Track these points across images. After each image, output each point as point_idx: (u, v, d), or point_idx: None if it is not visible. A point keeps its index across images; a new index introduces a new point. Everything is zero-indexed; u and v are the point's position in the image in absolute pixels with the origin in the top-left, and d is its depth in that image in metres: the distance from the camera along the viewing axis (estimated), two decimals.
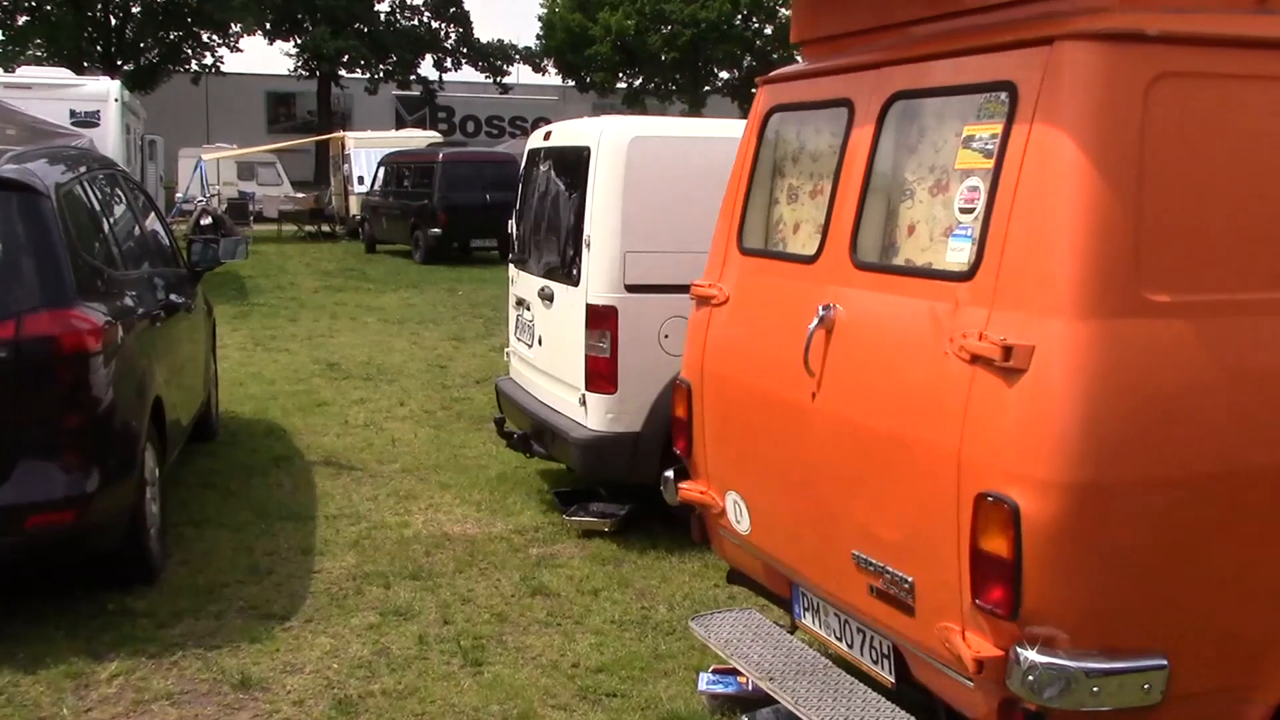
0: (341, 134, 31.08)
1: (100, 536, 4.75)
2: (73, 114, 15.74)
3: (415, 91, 50.58)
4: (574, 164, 6.05)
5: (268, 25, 45.95)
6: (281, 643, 4.66)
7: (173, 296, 6.46)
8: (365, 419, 8.67)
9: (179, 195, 29.05)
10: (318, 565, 5.54)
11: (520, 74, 52.96)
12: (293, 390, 9.71)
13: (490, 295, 17.07)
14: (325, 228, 29.21)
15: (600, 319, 5.74)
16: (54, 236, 4.66)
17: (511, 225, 7.26)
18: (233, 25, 42.78)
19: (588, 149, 5.90)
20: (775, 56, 48.89)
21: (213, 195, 27.95)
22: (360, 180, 27.33)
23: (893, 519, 3.11)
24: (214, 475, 7.04)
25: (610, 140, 5.79)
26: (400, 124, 46.77)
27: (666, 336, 5.73)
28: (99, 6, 40.29)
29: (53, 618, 4.80)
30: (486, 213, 22.34)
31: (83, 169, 5.71)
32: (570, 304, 5.98)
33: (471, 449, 7.82)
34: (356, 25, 46.26)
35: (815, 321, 3.38)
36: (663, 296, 5.74)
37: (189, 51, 43.36)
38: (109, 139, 15.78)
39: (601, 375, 5.76)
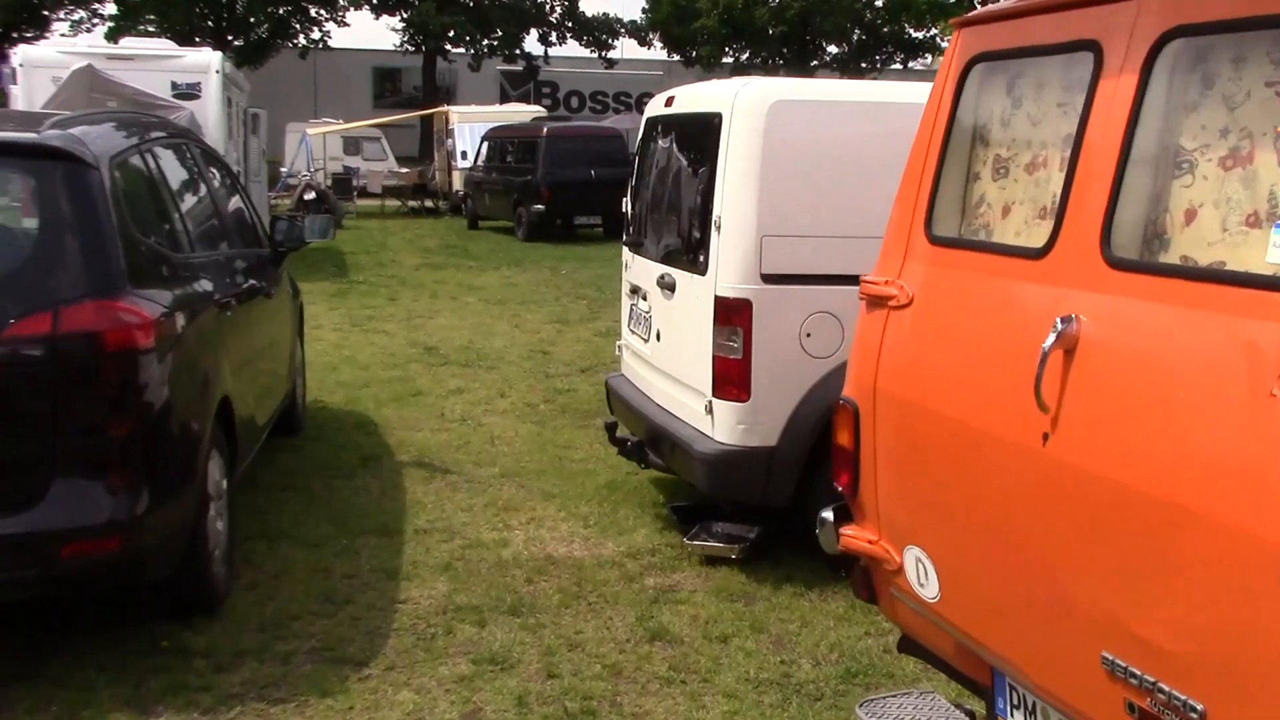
0: (445, 108, 30.62)
1: (152, 565, 4.09)
2: (174, 86, 15.38)
3: (519, 66, 50.06)
4: (702, 133, 5.22)
5: (374, 0, 45.86)
6: (356, 698, 3.94)
7: (251, 280, 5.80)
8: (463, 412, 7.98)
9: (283, 170, 28.91)
10: (403, 593, 4.83)
11: (625, 49, 52.06)
12: (387, 377, 9.07)
13: (594, 275, 16.35)
14: (428, 203, 28.84)
15: (731, 314, 4.91)
16: (102, 215, 3.99)
17: (626, 203, 6.47)
18: (340, 0, 42.75)
19: (719, 116, 5.06)
20: (886, 30, 47.38)
21: (317, 170, 27.73)
22: (464, 155, 26.80)
23: (1174, 620, 2.24)
24: (295, 476, 6.40)
25: (746, 105, 4.94)
26: (504, 99, 46.30)
27: (809, 335, 4.89)
28: None
29: (97, 655, 4.16)
30: (591, 189, 21.65)
31: (146, 137, 5.04)
32: (696, 296, 5.16)
33: (577, 450, 7.07)
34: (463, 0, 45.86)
35: (1051, 339, 2.51)
36: (806, 289, 4.90)
37: (297, 26, 43.48)
38: (210, 111, 15.39)
39: (732, 380, 4.94)
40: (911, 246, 3.21)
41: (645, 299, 5.88)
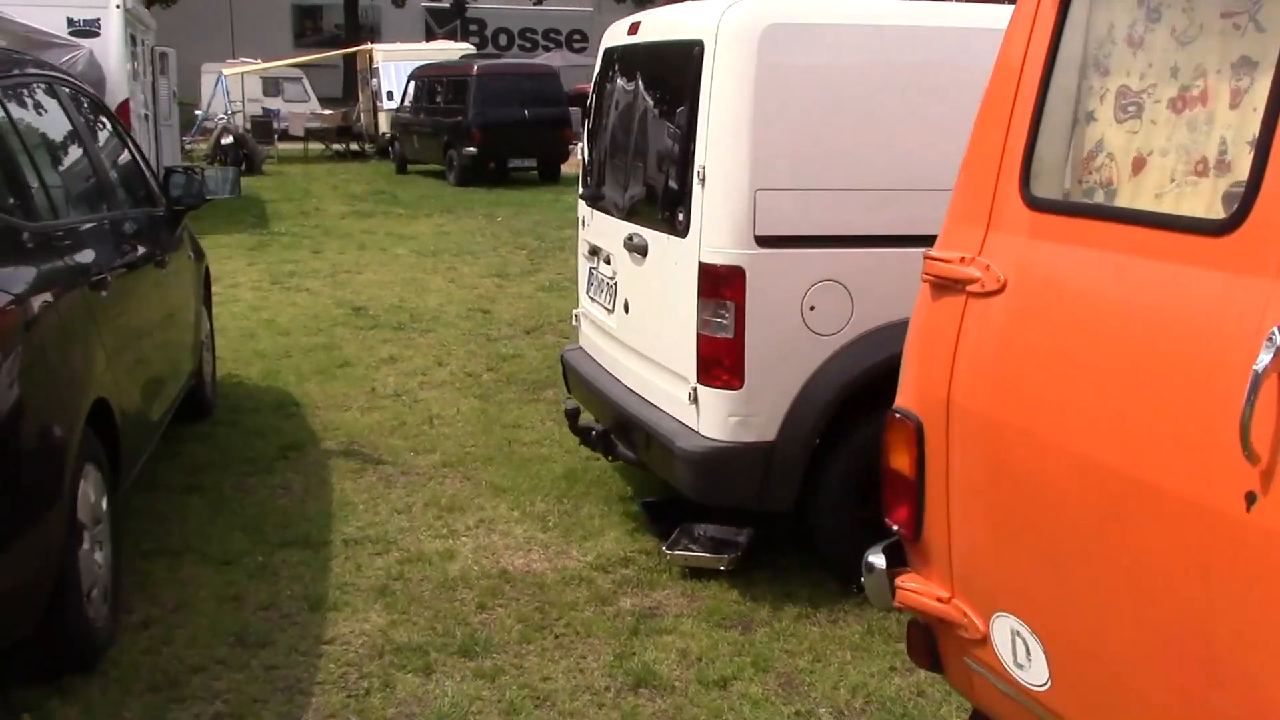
0: (369, 46, 29.19)
1: (4, 620, 3.21)
2: (70, 22, 14.10)
3: (445, 3, 48.36)
4: (678, 66, 4.34)
5: None
6: None
7: (139, 248, 4.86)
8: (396, 385, 7.08)
9: (198, 112, 27.40)
10: (330, 629, 3.98)
11: None
12: (310, 344, 8.13)
13: (532, 222, 15.43)
14: (353, 146, 27.52)
15: (719, 284, 4.08)
16: None
17: (581, 149, 5.59)
18: None
19: (699, 44, 4.19)
20: None
21: (235, 113, 26.28)
22: (389, 96, 25.53)
23: None
24: (202, 473, 5.50)
25: (734, 29, 4.07)
26: (430, 37, 44.72)
27: (813, 309, 4.08)
28: None
29: None
30: (525, 130, 20.61)
31: None
32: (674, 261, 4.33)
33: (528, 431, 6.23)
34: None
35: (1266, 358, 1.73)
36: (810, 252, 4.08)
37: None
38: (111, 50, 14.13)
39: (721, 363, 4.12)
40: (998, 211, 2.40)
41: (609, 262, 5.04)
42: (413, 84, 23.18)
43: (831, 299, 4.09)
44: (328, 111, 29.66)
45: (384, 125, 25.78)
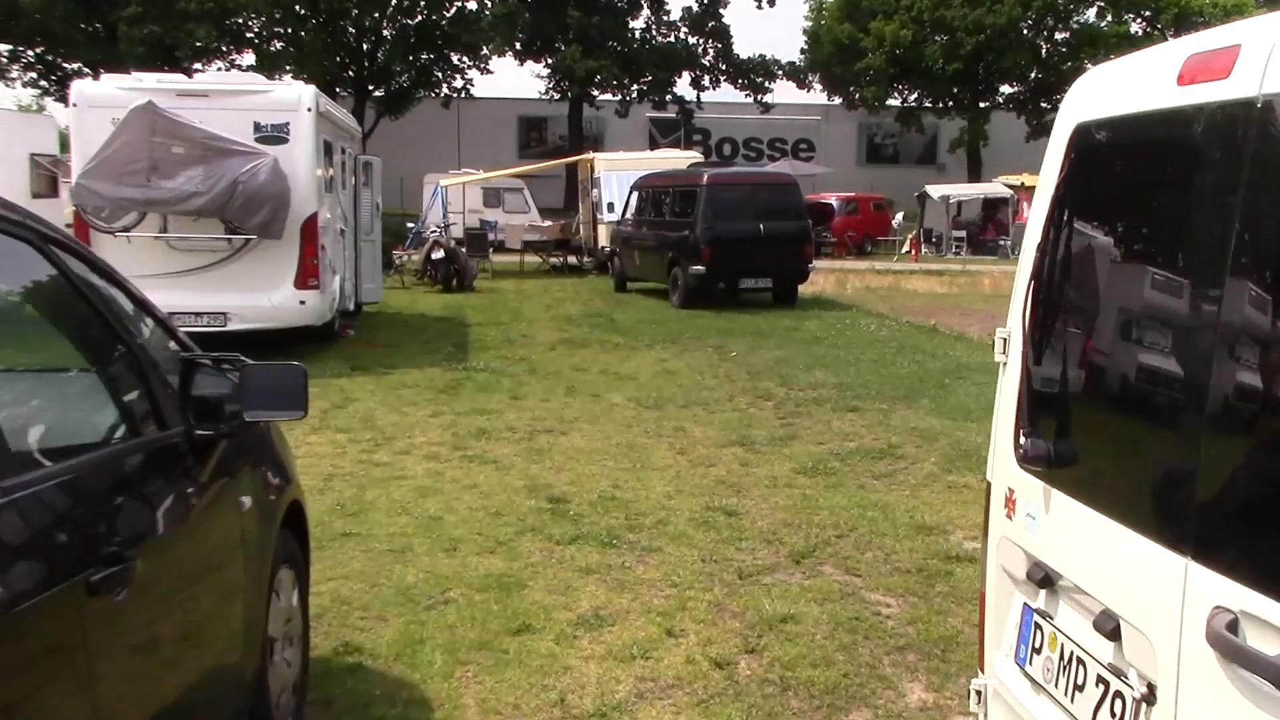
0: (590, 155, 27.51)
1: None
2: (257, 127, 12.44)
3: (670, 113, 47.12)
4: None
5: (518, 46, 43.55)
6: None
7: (129, 516, 2.38)
8: (599, 693, 4.24)
9: (410, 225, 26.16)
10: None
11: (779, 93, 48.62)
12: (482, 574, 5.51)
13: (772, 359, 12.76)
14: (571, 260, 25.70)
15: None
16: None
17: (1014, 339, 2.72)
18: (483, 47, 40.47)
19: None
20: (1066, 66, 42.74)
21: (450, 224, 24.87)
22: (610, 207, 23.59)
23: None
24: None
25: None
26: (653, 146, 43.40)
27: None
28: (352, 31, 38.72)
29: None
30: (759, 246, 18.11)
31: None
32: None
33: None
34: (610, 44, 43.13)
35: None
36: None
37: (439, 75, 41.40)
38: (299, 158, 12.42)
39: None
40: None
41: (1112, 634, 2.20)
42: (635, 194, 21.11)
43: None
44: (546, 223, 28.13)
45: (603, 239, 23.83)
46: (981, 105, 46.19)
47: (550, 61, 43.87)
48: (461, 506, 6.75)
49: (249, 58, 37.02)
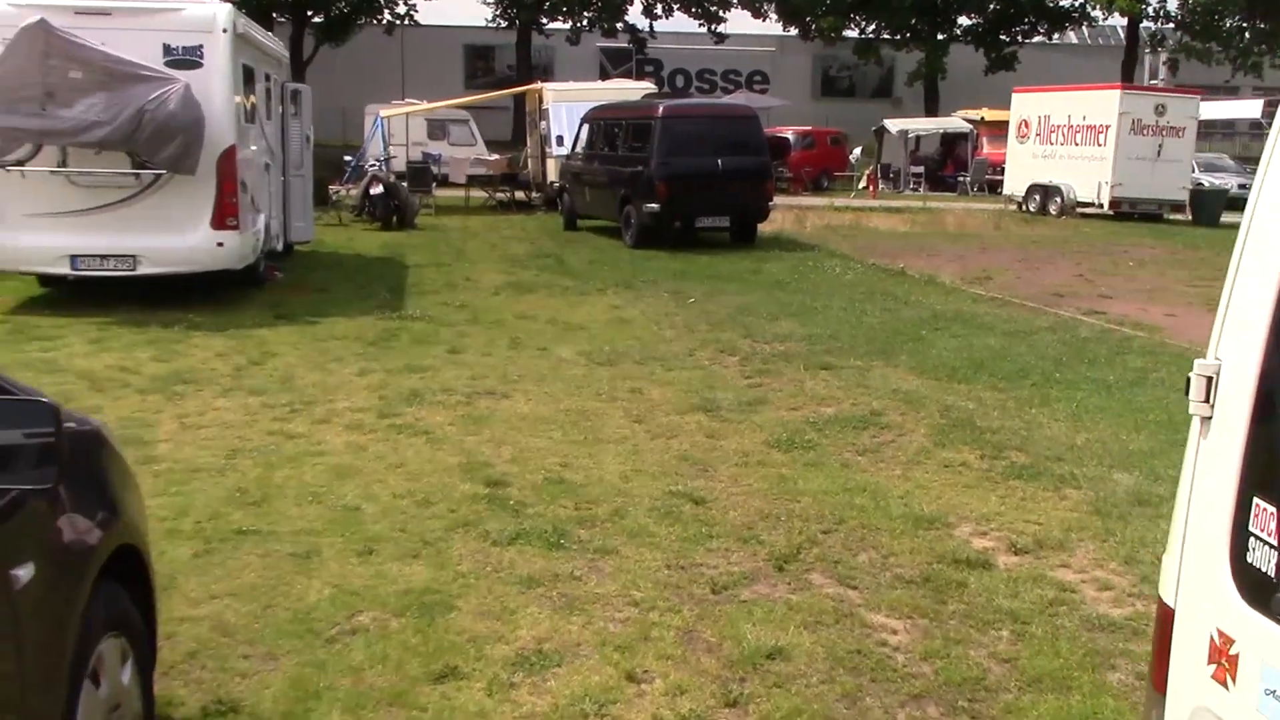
0: (539, 85, 26.17)
1: None
2: (167, 50, 11.17)
3: (621, 42, 45.65)
4: None
5: None
6: None
7: None
8: None
9: (347, 158, 24.77)
10: None
11: (734, 23, 47.18)
12: (401, 590, 4.56)
13: (734, 307, 11.82)
14: (519, 195, 24.46)
15: None
16: None
17: (1240, 384, 1.68)
18: None
19: None
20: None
21: (390, 158, 23.53)
22: (559, 140, 22.37)
23: None
24: None
25: None
26: (605, 77, 41.95)
27: None
28: None
29: None
30: (717, 183, 17.08)
31: None
32: None
33: None
34: None
35: None
36: None
37: (382, 0, 39.62)
38: (215, 85, 11.16)
39: None
40: None
41: None
42: (586, 127, 19.93)
43: None
44: (493, 157, 26.80)
45: (552, 173, 22.64)
46: (940, 37, 45.03)
47: None
48: (384, 493, 5.78)
49: None
